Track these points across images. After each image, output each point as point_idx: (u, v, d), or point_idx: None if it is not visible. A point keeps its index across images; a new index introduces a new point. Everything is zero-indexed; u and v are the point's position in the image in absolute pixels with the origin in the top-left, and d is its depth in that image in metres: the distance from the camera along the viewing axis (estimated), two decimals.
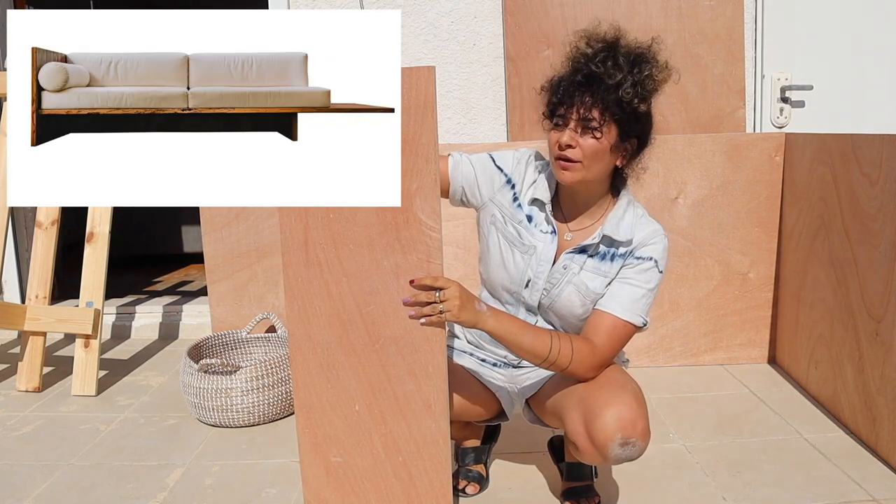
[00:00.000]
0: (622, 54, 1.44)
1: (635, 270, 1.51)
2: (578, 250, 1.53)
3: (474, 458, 1.81)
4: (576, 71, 1.45)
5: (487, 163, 1.59)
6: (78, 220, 3.07)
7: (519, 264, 1.56)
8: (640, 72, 1.43)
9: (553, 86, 1.48)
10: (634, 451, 1.41)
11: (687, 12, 2.96)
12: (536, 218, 1.56)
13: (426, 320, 1.42)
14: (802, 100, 3.10)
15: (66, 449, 2.09)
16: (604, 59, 1.43)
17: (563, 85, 1.46)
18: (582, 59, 1.46)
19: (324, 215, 1.42)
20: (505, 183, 1.58)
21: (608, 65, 1.42)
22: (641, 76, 1.43)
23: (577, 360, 1.47)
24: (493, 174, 1.58)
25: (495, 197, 1.58)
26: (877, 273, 1.91)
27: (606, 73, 1.42)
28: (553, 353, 1.45)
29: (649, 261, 1.51)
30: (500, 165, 1.59)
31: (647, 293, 1.51)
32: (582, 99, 1.42)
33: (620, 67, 1.42)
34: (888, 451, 1.86)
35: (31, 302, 2.62)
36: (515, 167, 1.58)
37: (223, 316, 2.79)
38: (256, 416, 2.21)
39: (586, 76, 1.43)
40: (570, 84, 1.44)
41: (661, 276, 1.52)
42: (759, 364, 2.64)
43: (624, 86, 1.41)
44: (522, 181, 1.58)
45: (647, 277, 1.51)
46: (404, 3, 3.08)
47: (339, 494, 1.52)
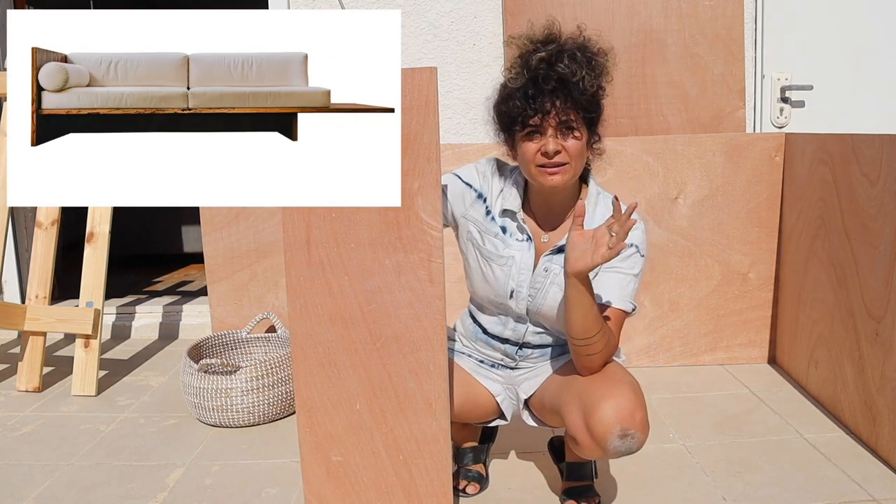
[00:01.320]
0: (574, 49, 1.46)
1: (618, 258, 1.51)
2: (556, 250, 1.55)
3: (473, 457, 1.81)
4: (545, 79, 1.43)
5: (455, 181, 1.60)
6: (78, 220, 3.07)
7: (500, 277, 1.57)
8: (595, 62, 1.47)
9: (520, 97, 1.45)
10: (634, 444, 1.42)
11: (687, 12, 2.96)
12: (510, 228, 1.57)
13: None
14: (802, 100, 3.10)
15: (66, 449, 2.09)
16: (562, 58, 1.44)
17: (530, 93, 1.43)
18: (542, 66, 1.44)
19: (326, 214, 1.42)
20: (476, 198, 1.59)
21: (567, 63, 1.44)
22: (597, 66, 1.47)
23: (606, 349, 1.48)
24: (462, 191, 1.59)
25: (468, 213, 1.59)
26: (877, 273, 1.91)
27: (570, 71, 1.43)
28: (599, 334, 1.46)
29: (630, 247, 1.52)
30: (468, 181, 1.60)
31: (633, 279, 1.53)
32: (556, 104, 1.43)
33: (579, 63, 1.44)
34: (888, 451, 1.86)
35: (31, 302, 2.62)
36: (483, 181, 1.60)
37: (223, 316, 2.79)
38: (256, 416, 2.21)
39: (556, 80, 1.43)
40: (539, 92, 1.43)
41: (643, 259, 1.54)
42: (759, 364, 2.64)
43: (587, 80, 1.44)
44: (491, 193, 1.59)
45: (631, 263, 1.53)
46: (404, 3, 3.08)
47: (339, 494, 1.52)
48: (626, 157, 2.56)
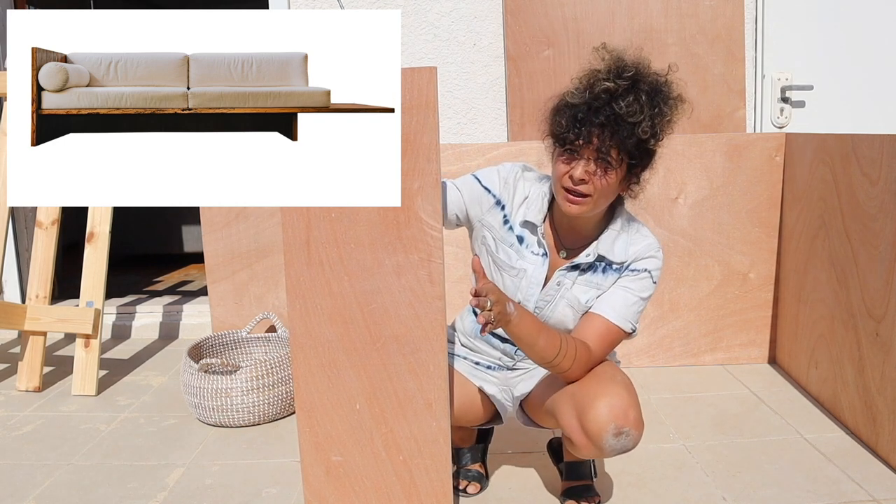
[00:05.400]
0: (644, 91, 1.39)
1: (630, 279, 1.52)
2: (572, 267, 1.54)
3: (471, 457, 1.81)
4: (597, 109, 1.38)
5: (473, 184, 1.57)
6: (78, 220, 3.07)
7: (509, 287, 1.56)
8: (660, 112, 1.40)
9: (570, 115, 1.41)
10: (629, 441, 1.42)
11: (687, 12, 2.96)
12: (528, 240, 1.55)
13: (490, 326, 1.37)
14: (803, 100, 3.10)
15: (67, 449, 2.09)
16: (626, 96, 1.38)
17: (580, 117, 1.39)
18: (604, 96, 1.39)
19: (326, 214, 1.42)
20: (494, 204, 1.56)
21: (630, 101, 1.37)
22: (661, 117, 1.41)
23: (576, 365, 1.47)
24: (480, 196, 1.56)
25: (484, 218, 1.57)
26: (877, 273, 1.91)
27: (628, 112, 1.37)
28: (559, 356, 1.45)
29: (644, 272, 1.52)
30: (488, 186, 1.56)
31: (640, 301, 1.52)
32: (601, 136, 1.38)
33: (642, 107, 1.38)
34: (888, 451, 1.86)
35: (32, 302, 2.62)
36: (503, 187, 1.56)
37: (223, 316, 2.79)
38: (256, 416, 2.21)
39: (609, 116, 1.37)
40: (588, 120, 1.38)
41: (654, 286, 1.53)
42: (760, 364, 2.64)
43: (643, 125, 1.38)
44: (512, 201, 1.56)
45: (642, 286, 1.52)
46: (404, 4, 3.08)
47: (339, 494, 1.52)
48: None
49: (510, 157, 2.55)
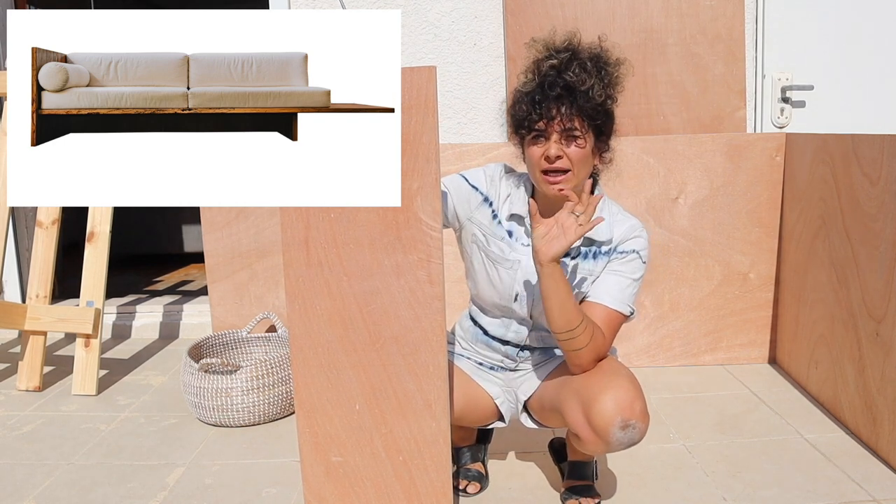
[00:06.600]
0: (587, 59, 1.49)
1: (620, 262, 1.55)
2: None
3: (471, 457, 1.82)
4: (550, 84, 1.46)
5: (461, 183, 1.61)
6: (78, 220, 3.07)
7: (505, 280, 1.58)
8: (607, 73, 1.49)
9: (528, 101, 1.48)
10: (636, 434, 1.43)
11: (687, 12, 2.96)
12: (516, 232, 1.58)
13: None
14: (803, 100, 3.10)
15: (67, 448, 2.09)
16: (572, 66, 1.47)
17: (537, 98, 1.46)
18: (552, 72, 1.48)
19: (325, 215, 1.42)
20: (482, 201, 1.60)
21: (577, 71, 1.46)
22: (608, 76, 1.49)
23: (591, 345, 1.48)
24: (468, 194, 1.60)
25: (473, 216, 1.60)
26: (877, 273, 1.91)
27: (579, 80, 1.46)
28: (581, 327, 1.46)
29: (632, 253, 1.55)
30: (475, 184, 1.61)
31: (633, 283, 1.55)
32: (560, 110, 1.44)
33: (589, 72, 1.47)
34: (888, 451, 1.86)
35: (32, 301, 2.62)
36: (490, 185, 1.61)
37: (223, 315, 2.79)
38: (256, 416, 2.21)
39: (563, 87, 1.45)
40: (545, 97, 1.46)
41: (644, 266, 1.56)
42: (760, 364, 2.64)
43: (595, 89, 1.46)
44: (498, 197, 1.60)
45: (633, 268, 1.55)
46: (404, 4, 3.08)
47: (339, 494, 1.52)
48: (627, 157, 2.56)
49: (510, 158, 2.55)
